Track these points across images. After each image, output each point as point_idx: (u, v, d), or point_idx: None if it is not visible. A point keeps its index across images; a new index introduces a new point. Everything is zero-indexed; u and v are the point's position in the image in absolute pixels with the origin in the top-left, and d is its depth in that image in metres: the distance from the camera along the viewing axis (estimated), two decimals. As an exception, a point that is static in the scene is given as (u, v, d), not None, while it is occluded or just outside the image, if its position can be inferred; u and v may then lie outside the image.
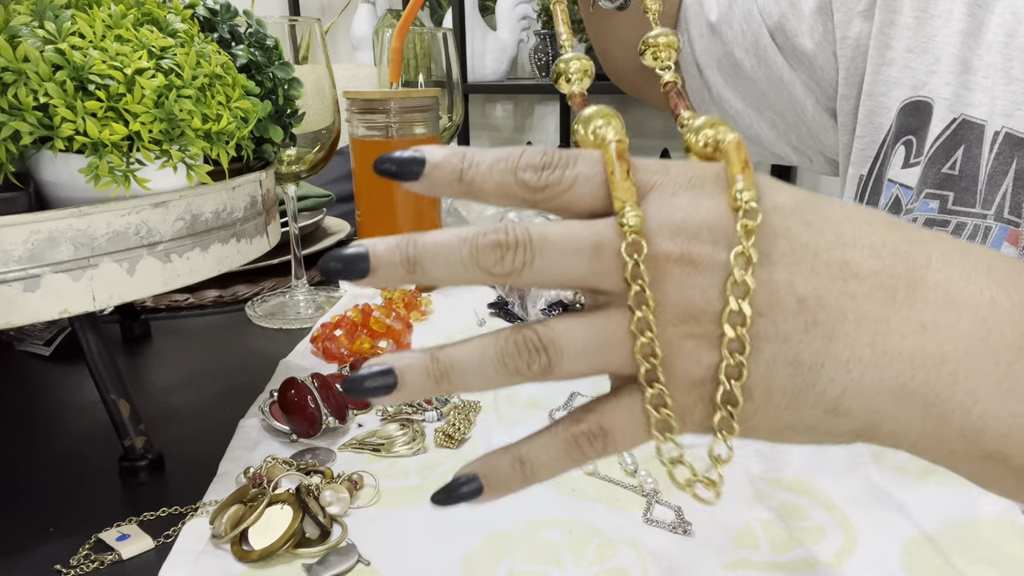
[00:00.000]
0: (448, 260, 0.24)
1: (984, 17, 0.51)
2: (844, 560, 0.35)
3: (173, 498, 0.41)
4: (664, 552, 0.36)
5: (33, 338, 0.65)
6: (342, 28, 2.51)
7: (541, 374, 0.24)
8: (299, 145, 0.69)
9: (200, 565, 0.36)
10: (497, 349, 0.24)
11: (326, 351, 0.61)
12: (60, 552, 0.37)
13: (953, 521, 0.38)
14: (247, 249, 0.47)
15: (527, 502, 0.40)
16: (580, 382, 0.56)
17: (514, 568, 0.35)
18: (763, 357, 0.23)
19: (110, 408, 0.43)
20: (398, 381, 0.24)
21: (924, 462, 0.43)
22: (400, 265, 0.24)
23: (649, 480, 0.42)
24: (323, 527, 0.38)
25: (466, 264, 0.23)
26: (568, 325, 0.24)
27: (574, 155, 0.24)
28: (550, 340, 0.24)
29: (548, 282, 0.24)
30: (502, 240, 0.23)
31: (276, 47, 0.55)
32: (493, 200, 0.25)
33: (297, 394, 0.48)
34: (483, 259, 0.23)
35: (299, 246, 0.74)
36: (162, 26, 0.42)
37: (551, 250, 0.23)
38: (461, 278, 0.24)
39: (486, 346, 0.24)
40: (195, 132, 0.39)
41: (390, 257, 0.24)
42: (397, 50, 0.75)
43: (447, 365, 0.24)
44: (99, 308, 0.38)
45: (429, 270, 0.24)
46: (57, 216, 0.36)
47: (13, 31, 0.36)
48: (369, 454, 0.46)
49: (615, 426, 0.25)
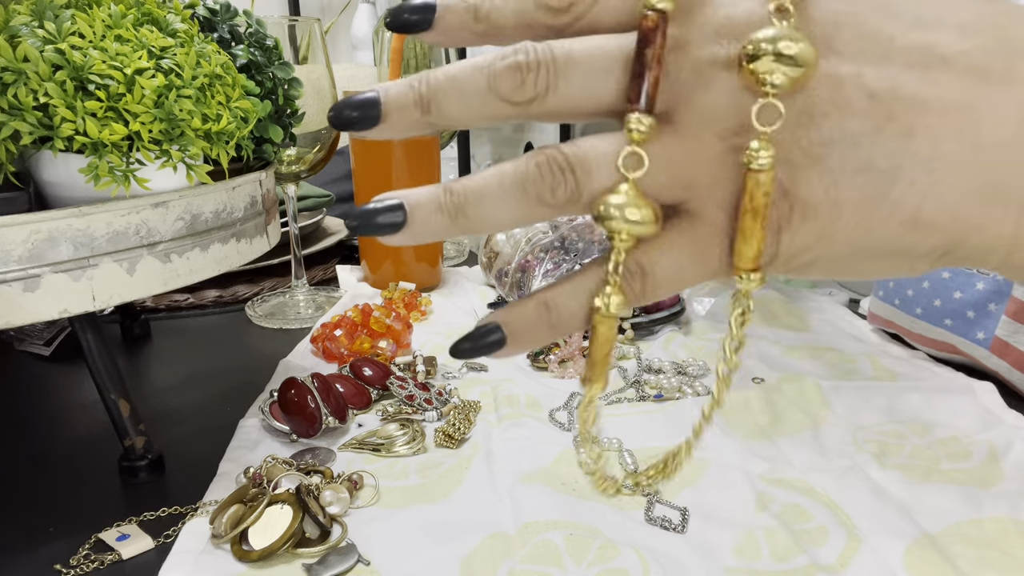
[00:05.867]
0: (464, 92, 0.21)
1: None
2: (848, 562, 0.35)
3: (173, 498, 0.41)
4: (665, 552, 0.36)
5: (33, 338, 0.64)
6: (342, 28, 2.51)
7: (567, 202, 0.21)
8: (299, 145, 0.69)
9: (200, 565, 0.36)
10: (517, 174, 0.21)
11: (326, 351, 0.61)
12: (60, 552, 0.37)
13: (956, 521, 0.38)
14: (247, 249, 0.47)
15: (527, 502, 0.40)
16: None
17: (514, 569, 0.35)
18: (827, 166, 0.20)
19: (110, 408, 0.43)
20: (407, 217, 0.22)
21: (926, 462, 0.43)
22: (414, 106, 0.22)
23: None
24: (323, 527, 0.38)
25: (484, 95, 0.21)
26: (597, 141, 0.21)
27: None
28: (578, 158, 0.21)
29: (573, 110, 0.21)
30: (522, 61, 0.21)
31: (276, 47, 0.55)
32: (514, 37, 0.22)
33: (297, 394, 0.48)
34: (502, 85, 0.21)
35: (299, 246, 0.74)
36: (162, 26, 0.42)
37: (577, 69, 0.21)
38: (480, 113, 0.22)
39: (504, 172, 0.22)
40: (195, 132, 0.39)
41: (403, 99, 0.22)
42: (397, 50, 0.75)
43: (462, 197, 0.22)
44: (99, 308, 0.38)
45: (445, 108, 0.22)
46: (57, 216, 0.36)
47: (13, 31, 0.36)
48: (369, 454, 0.46)
49: (656, 264, 0.21)
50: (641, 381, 0.55)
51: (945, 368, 0.56)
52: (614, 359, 0.19)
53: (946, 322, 0.55)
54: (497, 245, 0.76)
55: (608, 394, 0.54)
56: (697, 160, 0.21)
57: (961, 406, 0.50)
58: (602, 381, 0.23)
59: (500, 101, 0.21)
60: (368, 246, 0.79)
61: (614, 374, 0.57)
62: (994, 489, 0.40)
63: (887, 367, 0.57)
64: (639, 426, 0.49)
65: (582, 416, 0.25)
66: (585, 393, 0.24)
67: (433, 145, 0.77)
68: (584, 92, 0.21)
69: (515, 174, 0.21)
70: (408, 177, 0.75)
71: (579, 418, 0.25)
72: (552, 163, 0.21)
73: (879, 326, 0.64)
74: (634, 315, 0.64)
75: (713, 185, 0.21)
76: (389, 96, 0.22)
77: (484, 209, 0.22)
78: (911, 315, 0.58)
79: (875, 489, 0.41)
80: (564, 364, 0.58)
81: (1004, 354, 0.51)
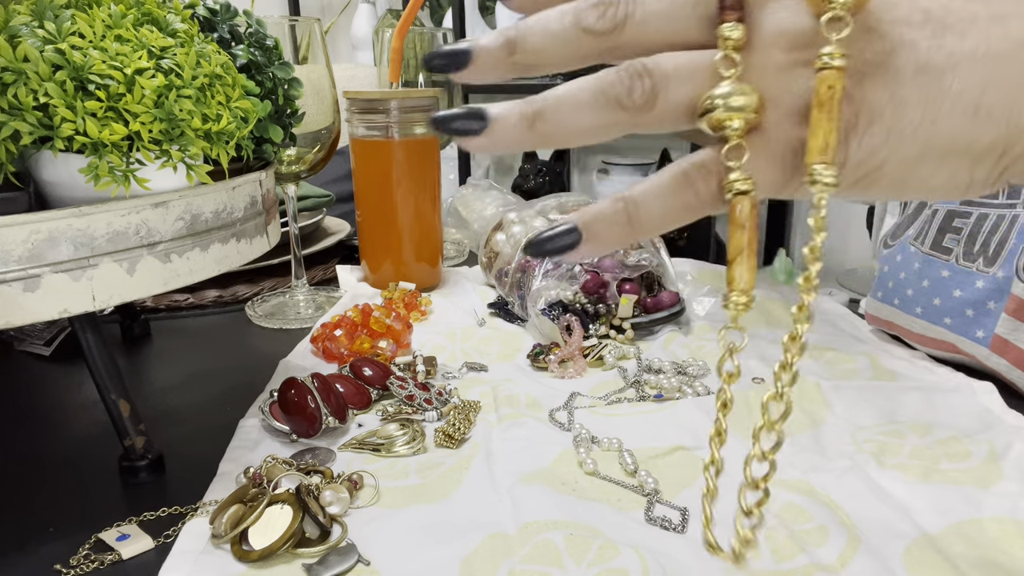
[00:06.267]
0: (550, 30, 0.23)
1: None
2: (847, 562, 0.35)
3: (173, 498, 0.41)
4: (665, 552, 0.36)
5: (33, 338, 0.64)
6: (342, 28, 2.51)
7: (644, 105, 0.23)
8: (299, 145, 0.69)
9: (200, 565, 0.36)
10: (598, 79, 0.23)
11: (326, 351, 0.61)
12: (60, 552, 0.37)
13: (956, 521, 0.38)
14: (247, 249, 0.47)
15: (527, 502, 0.40)
16: (581, 386, 0.56)
17: (514, 569, 0.35)
18: (889, 70, 0.21)
19: (110, 408, 0.43)
20: (489, 122, 0.23)
21: (926, 462, 0.43)
22: (502, 48, 0.24)
23: (650, 480, 0.42)
24: (323, 527, 0.38)
25: (568, 29, 0.23)
26: (671, 55, 0.23)
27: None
28: (655, 63, 0.23)
29: (653, 38, 0.23)
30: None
31: (276, 47, 0.55)
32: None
33: (297, 394, 0.48)
34: (586, 17, 0.23)
35: (299, 246, 0.74)
36: (162, 26, 0.42)
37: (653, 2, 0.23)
38: (564, 48, 0.23)
39: (585, 79, 0.23)
40: (195, 132, 0.39)
41: (492, 42, 0.24)
42: (397, 50, 0.75)
43: (541, 103, 0.23)
44: (99, 308, 0.38)
45: (532, 44, 0.23)
46: (57, 216, 0.36)
47: (13, 31, 0.36)
48: (369, 454, 0.46)
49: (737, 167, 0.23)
50: (641, 381, 0.55)
51: (945, 368, 0.56)
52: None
53: (946, 320, 0.55)
54: (497, 245, 0.76)
55: (608, 394, 0.54)
56: (766, 73, 0.22)
57: (961, 406, 0.50)
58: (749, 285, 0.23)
59: (583, 32, 0.23)
60: (368, 246, 0.79)
61: (614, 374, 0.58)
62: (994, 489, 0.40)
63: (887, 367, 0.57)
64: (639, 426, 0.49)
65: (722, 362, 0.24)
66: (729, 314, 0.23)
67: (433, 145, 0.77)
68: (662, 19, 0.23)
69: (595, 79, 0.23)
70: (408, 177, 0.75)
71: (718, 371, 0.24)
72: (631, 68, 0.23)
73: (878, 327, 0.64)
74: (634, 315, 0.64)
75: (781, 96, 0.22)
76: (480, 41, 0.24)
77: (562, 114, 0.23)
78: (911, 315, 0.58)
79: (875, 489, 0.41)
80: (564, 364, 0.58)
81: (1004, 352, 0.51)
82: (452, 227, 1.00)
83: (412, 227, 0.77)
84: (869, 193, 0.23)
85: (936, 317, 0.56)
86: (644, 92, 0.22)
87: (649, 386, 0.55)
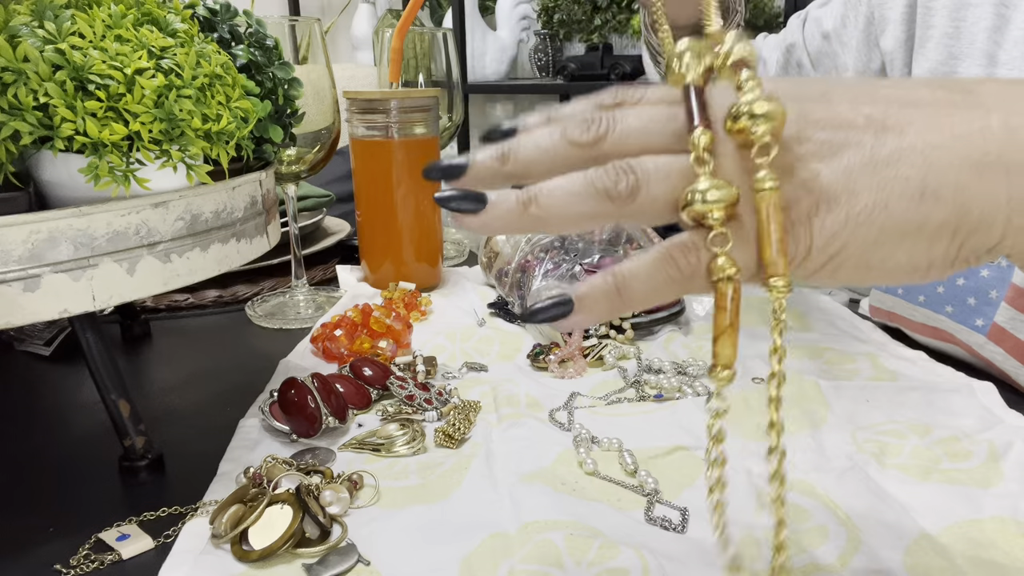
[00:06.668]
0: (539, 144, 0.26)
1: (1009, 15, 0.57)
2: (847, 562, 0.35)
3: (173, 498, 0.41)
4: (665, 552, 0.36)
5: (33, 338, 0.65)
6: (342, 28, 2.51)
7: (628, 197, 0.25)
8: (299, 145, 0.69)
9: (200, 565, 0.36)
10: (587, 172, 0.25)
11: (326, 351, 0.61)
12: (60, 552, 0.37)
13: (956, 521, 0.38)
14: (247, 249, 0.47)
15: (527, 502, 0.40)
16: (581, 386, 0.56)
17: (514, 569, 0.35)
18: (841, 162, 0.24)
19: (110, 408, 0.43)
20: (486, 204, 0.26)
21: (926, 462, 0.43)
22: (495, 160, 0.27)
23: (650, 480, 0.42)
24: (323, 527, 0.38)
25: (556, 143, 0.26)
26: (652, 157, 0.25)
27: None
28: (638, 162, 0.25)
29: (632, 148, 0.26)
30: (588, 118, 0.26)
31: (276, 47, 0.55)
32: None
33: (297, 394, 0.48)
34: (571, 133, 0.26)
35: (299, 246, 0.74)
36: (162, 26, 0.42)
37: (633, 118, 0.26)
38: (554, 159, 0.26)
39: (576, 172, 0.26)
40: (195, 132, 0.39)
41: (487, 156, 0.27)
42: (397, 50, 0.75)
43: (536, 190, 0.26)
44: (99, 308, 0.38)
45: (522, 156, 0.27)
46: (57, 216, 0.36)
47: (13, 31, 0.36)
48: (369, 454, 0.46)
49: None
50: (641, 381, 0.55)
51: (945, 368, 0.56)
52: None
53: (947, 309, 0.55)
54: (497, 245, 0.76)
55: (608, 394, 0.54)
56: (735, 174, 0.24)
57: (961, 406, 0.50)
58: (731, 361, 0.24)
59: (569, 144, 0.26)
60: (368, 246, 0.79)
61: (614, 374, 0.58)
62: (994, 489, 0.40)
63: (887, 367, 0.57)
64: (639, 426, 0.49)
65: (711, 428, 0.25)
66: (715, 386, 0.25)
67: (433, 145, 0.77)
68: (642, 133, 0.26)
69: (586, 172, 0.25)
70: (408, 177, 0.75)
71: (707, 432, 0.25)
72: (615, 165, 0.25)
73: (880, 319, 0.64)
74: (634, 315, 0.64)
75: (748, 193, 0.24)
76: (476, 157, 0.27)
77: (555, 200, 0.25)
78: (913, 303, 0.58)
79: (875, 489, 0.41)
80: (564, 364, 0.58)
81: (1001, 341, 0.51)
82: (452, 227, 1.00)
83: (412, 227, 0.77)
84: (837, 276, 0.25)
85: (938, 305, 0.56)
86: (628, 185, 0.25)
87: (649, 386, 0.55)
